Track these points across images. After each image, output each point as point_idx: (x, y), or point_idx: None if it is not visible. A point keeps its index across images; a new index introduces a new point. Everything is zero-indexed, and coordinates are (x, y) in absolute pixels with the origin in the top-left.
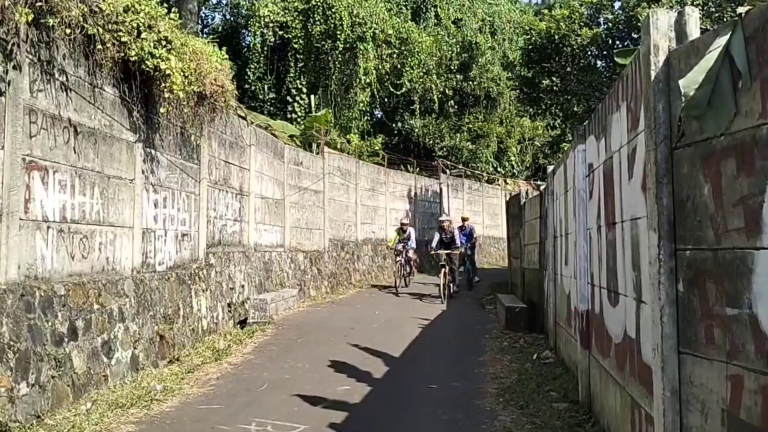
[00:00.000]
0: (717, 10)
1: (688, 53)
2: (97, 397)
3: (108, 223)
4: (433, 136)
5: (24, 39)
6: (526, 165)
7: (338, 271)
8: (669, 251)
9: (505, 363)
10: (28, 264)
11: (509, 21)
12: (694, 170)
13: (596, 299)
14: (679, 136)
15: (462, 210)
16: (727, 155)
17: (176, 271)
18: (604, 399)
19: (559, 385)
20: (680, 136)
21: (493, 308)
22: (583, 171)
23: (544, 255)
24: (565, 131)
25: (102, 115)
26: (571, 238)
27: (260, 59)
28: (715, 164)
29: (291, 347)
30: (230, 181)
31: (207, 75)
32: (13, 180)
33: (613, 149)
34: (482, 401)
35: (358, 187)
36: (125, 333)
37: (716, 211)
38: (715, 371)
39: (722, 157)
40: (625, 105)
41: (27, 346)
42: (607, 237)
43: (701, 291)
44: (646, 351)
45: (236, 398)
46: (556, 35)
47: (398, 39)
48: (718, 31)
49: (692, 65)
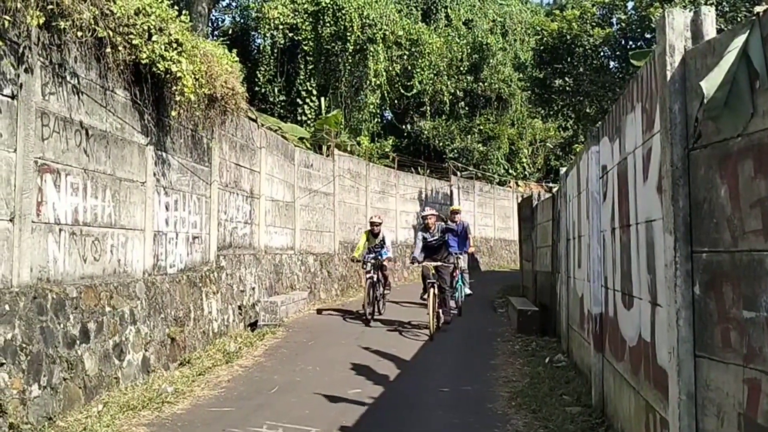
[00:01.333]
0: (731, 10)
1: (705, 53)
2: (109, 399)
3: (119, 226)
4: (444, 137)
5: (36, 42)
6: (537, 167)
7: (348, 274)
8: (685, 254)
9: (517, 366)
10: (41, 266)
11: (520, 21)
12: (710, 172)
13: (610, 302)
14: (695, 137)
15: (473, 212)
16: (745, 156)
17: (187, 273)
18: (617, 403)
19: (572, 389)
20: (697, 137)
21: (504, 311)
22: (596, 173)
23: (557, 258)
24: (578, 133)
25: (113, 117)
26: (584, 241)
27: (270, 61)
28: (732, 165)
29: (302, 350)
30: (241, 183)
31: (218, 77)
32: (26, 183)
33: (627, 150)
34: (494, 405)
35: (368, 189)
36: (136, 335)
37: (733, 213)
38: (731, 375)
39: (739, 158)
40: (640, 106)
41: (39, 348)
42: (621, 239)
43: (718, 294)
44: (661, 354)
45: (247, 401)
46: (568, 35)
47: (408, 40)
48: (735, 30)
49: (708, 65)
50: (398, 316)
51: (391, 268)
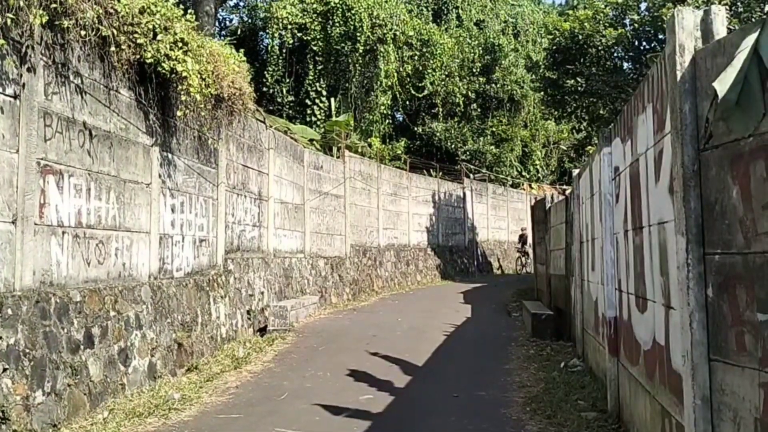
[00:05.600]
0: (746, 10)
1: (715, 53)
2: (114, 405)
3: (124, 228)
4: (456, 139)
5: (38, 41)
6: (551, 169)
7: (360, 278)
8: (697, 255)
9: (531, 371)
10: (44, 270)
11: (532, 22)
12: (722, 172)
13: (624, 305)
14: (706, 137)
15: (487, 215)
16: (756, 157)
17: (194, 277)
18: (633, 408)
19: (588, 394)
20: (708, 138)
21: (518, 315)
22: (609, 174)
23: (571, 261)
24: (591, 134)
25: (118, 118)
26: (597, 243)
27: (278, 62)
28: (744, 166)
29: (312, 355)
30: (249, 185)
31: (224, 77)
32: (28, 184)
33: (639, 152)
34: (508, 410)
35: (380, 191)
36: (142, 340)
37: (745, 214)
38: (746, 379)
39: (751, 158)
40: (651, 106)
41: (42, 353)
42: (634, 242)
43: (731, 296)
44: (675, 358)
45: (256, 407)
46: (581, 35)
47: (419, 41)
48: (745, 30)
49: (719, 65)
50: (416, 319)
51: (405, 271)
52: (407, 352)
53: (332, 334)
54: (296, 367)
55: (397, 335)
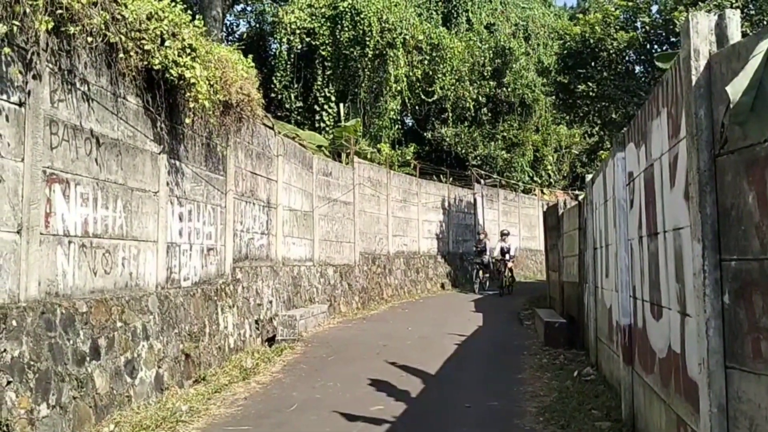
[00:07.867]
0: (758, 13)
1: (730, 57)
2: (121, 418)
3: (131, 237)
4: (467, 144)
5: (44, 48)
6: (563, 174)
7: (369, 286)
8: (713, 262)
9: (544, 380)
10: (49, 280)
11: (543, 26)
12: (737, 178)
13: (638, 313)
14: (722, 142)
15: (498, 222)
16: None
17: (202, 286)
18: (648, 417)
19: (602, 403)
20: (723, 143)
21: (531, 323)
22: (622, 180)
23: (584, 267)
24: (603, 139)
25: (125, 125)
26: (611, 250)
27: (287, 67)
28: (760, 171)
29: (321, 365)
30: (257, 192)
31: (233, 83)
32: (33, 193)
33: (653, 157)
34: (522, 420)
35: (389, 198)
36: (149, 351)
37: (761, 220)
38: (763, 386)
39: (767, 163)
40: (665, 111)
41: (48, 365)
42: (648, 248)
43: (748, 303)
44: (691, 366)
45: (265, 419)
46: (591, 39)
47: (429, 45)
48: (760, 34)
49: (734, 69)
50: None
51: (414, 279)
52: (418, 362)
53: (342, 344)
54: (306, 377)
55: (408, 345)
